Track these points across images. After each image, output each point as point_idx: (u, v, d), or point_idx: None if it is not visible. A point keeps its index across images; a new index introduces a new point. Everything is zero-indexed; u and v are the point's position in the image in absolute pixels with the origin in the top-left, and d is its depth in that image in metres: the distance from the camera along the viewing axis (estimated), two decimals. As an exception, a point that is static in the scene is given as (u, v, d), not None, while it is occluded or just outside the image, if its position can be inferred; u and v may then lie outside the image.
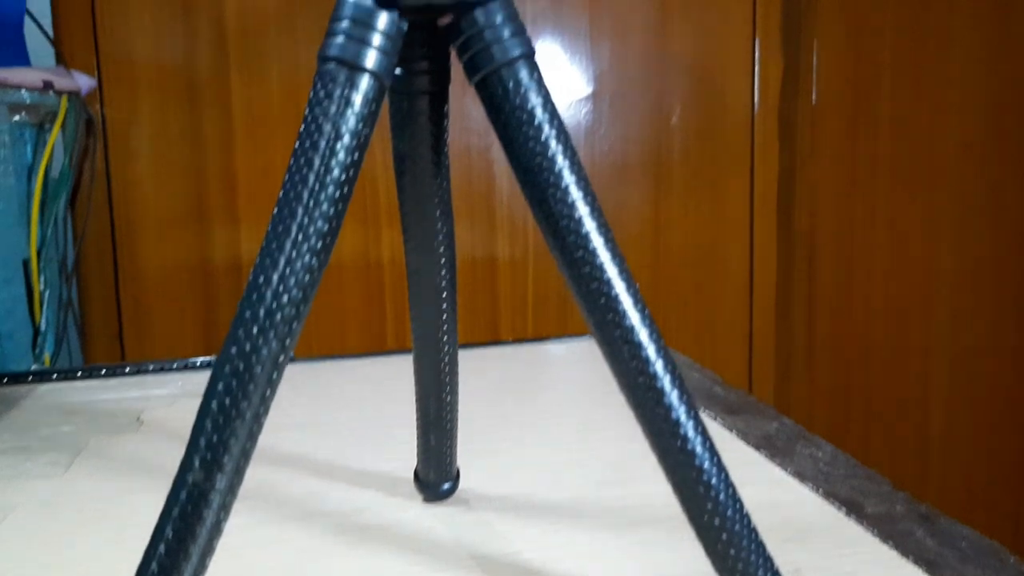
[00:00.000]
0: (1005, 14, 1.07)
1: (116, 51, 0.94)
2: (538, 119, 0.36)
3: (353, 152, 0.36)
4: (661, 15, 1.00)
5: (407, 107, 0.41)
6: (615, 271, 0.36)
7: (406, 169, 0.42)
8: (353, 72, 0.35)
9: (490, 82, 0.37)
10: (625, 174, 1.02)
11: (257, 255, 0.37)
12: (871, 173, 1.07)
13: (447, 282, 0.44)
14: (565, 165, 0.36)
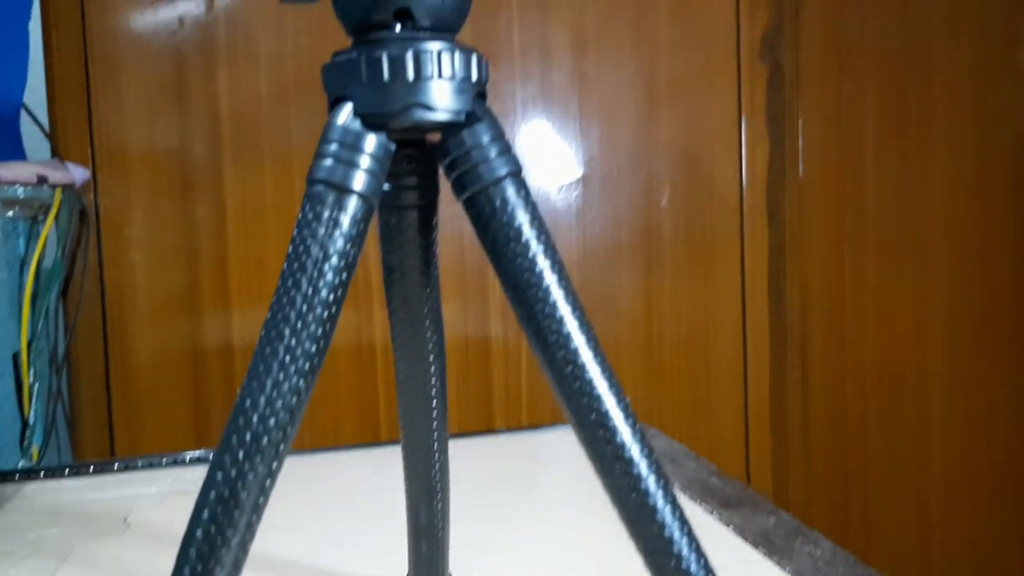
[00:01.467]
0: (983, 89, 1.09)
1: (110, 140, 0.95)
2: (525, 237, 0.37)
3: (341, 272, 0.37)
4: (648, 99, 1.02)
5: (396, 221, 0.41)
6: (605, 387, 0.36)
7: (395, 280, 0.42)
8: (341, 194, 0.36)
9: (477, 201, 0.37)
10: (616, 255, 1.03)
11: (244, 376, 0.37)
12: (859, 248, 1.08)
13: (437, 391, 0.44)
14: (552, 282, 0.36)
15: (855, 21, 1.05)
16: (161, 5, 0.96)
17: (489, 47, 0.99)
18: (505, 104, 1.00)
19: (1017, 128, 1.10)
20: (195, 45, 0.96)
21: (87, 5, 0.94)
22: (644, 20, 1.01)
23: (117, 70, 0.95)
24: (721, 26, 1.02)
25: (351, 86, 0.36)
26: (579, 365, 0.36)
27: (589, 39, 1.00)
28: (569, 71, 1.00)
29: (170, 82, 0.96)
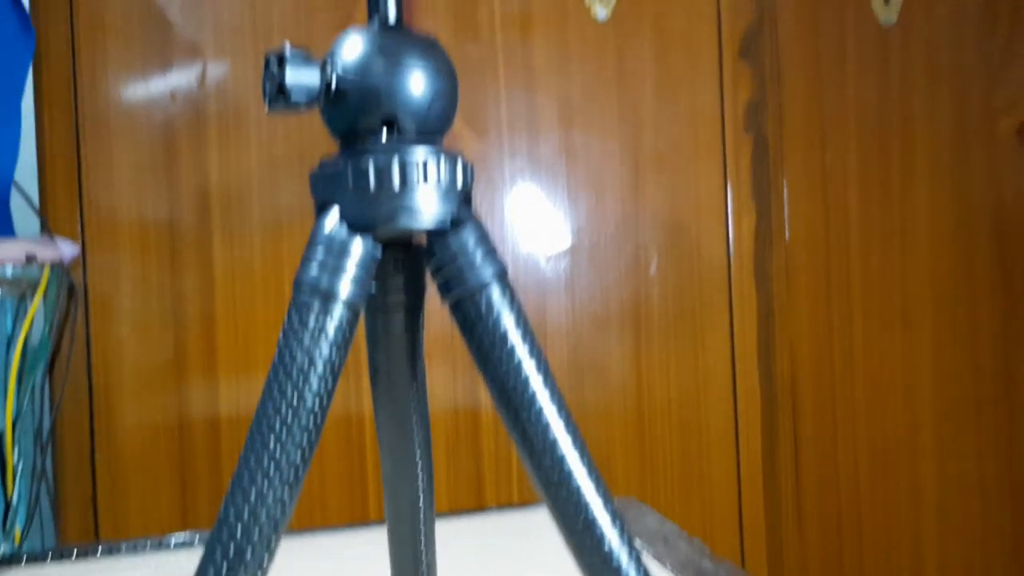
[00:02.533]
0: (963, 157, 1.11)
1: (100, 215, 0.95)
2: (511, 343, 0.37)
3: (326, 379, 0.36)
4: (635, 170, 1.03)
5: (383, 322, 0.41)
6: (592, 492, 0.36)
7: (381, 380, 0.42)
8: (327, 301, 0.36)
9: (463, 306, 0.38)
10: (606, 324, 1.03)
11: (228, 486, 0.36)
12: (847, 315, 1.09)
13: (424, 488, 0.44)
14: (539, 389, 0.36)
15: (836, 93, 1.07)
16: (153, 79, 0.97)
17: (477, 120, 1.00)
18: (494, 176, 1.01)
19: (997, 194, 1.12)
20: (186, 119, 0.97)
21: (80, 81, 0.95)
22: (629, 94, 1.03)
23: (108, 145, 0.96)
24: (705, 98, 1.04)
25: (338, 194, 0.37)
26: (566, 472, 0.36)
27: (575, 112, 1.02)
28: (556, 144, 1.02)
29: (160, 156, 0.97)
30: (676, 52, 1.03)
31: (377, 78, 0.37)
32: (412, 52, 0.37)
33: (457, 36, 0.99)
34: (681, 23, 1.03)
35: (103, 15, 0.96)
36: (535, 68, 1.01)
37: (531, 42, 1.01)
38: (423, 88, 0.37)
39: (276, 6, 0.98)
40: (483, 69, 1.00)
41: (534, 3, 1.01)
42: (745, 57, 1.04)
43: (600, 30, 1.02)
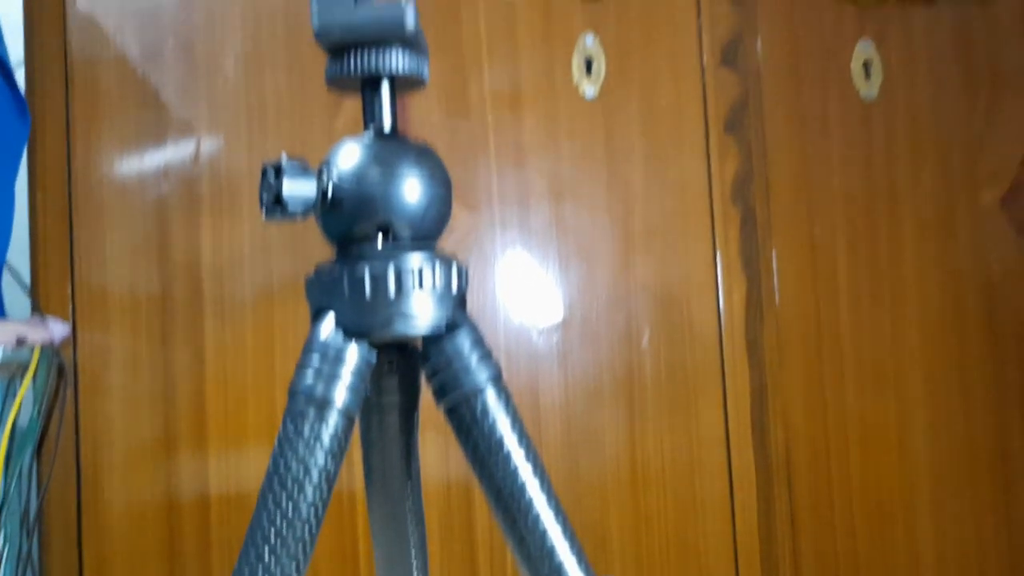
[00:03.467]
0: (949, 227, 1.12)
1: (92, 294, 0.95)
2: (506, 448, 0.37)
3: (321, 489, 0.36)
4: (625, 243, 1.04)
5: (378, 423, 0.41)
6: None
7: (375, 480, 0.42)
8: (323, 409, 0.36)
9: (459, 409, 0.38)
10: (599, 397, 1.03)
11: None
12: (839, 385, 1.09)
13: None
14: (535, 492, 0.36)
15: (821, 165, 1.09)
16: (147, 157, 0.98)
17: (468, 195, 1.01)
18: (485, 250, 1.02)
19: (983, 261, 1.13)
20: (179, 196, 0.98)
21: (74, 162, 0.96)
22: (618, 168, 1.04)
23: (101, 223, 0.97)
24: (693, 172, 1.06)
25: (334, 300, 0.37)
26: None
27: (565, 187, 1.03)
28: (547, 217, 1.03)
29: (153, 233, 0.97)
30: (663, 127, 1.05)
31: (373, 186, 0.37)
32: (407, 160, 0.38)
33: (449, 114, 1.01)
34: (668, 100, 1.05)
35: (98, 97, 0.97)
36: (525, 144, 1.03)
37: (521, 119, 1.03)
38: (418, 195, 0.38)
39: (269, 84, 1.00)
40: (474, 146, 1.02)
41: (523, 82, 1.03)
42: (731, 132, 1.06)
43: (588, 107, 1.04)
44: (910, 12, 1.12)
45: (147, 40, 0.98)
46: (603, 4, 1.05)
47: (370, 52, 0.38)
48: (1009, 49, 1.14)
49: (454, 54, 1.02)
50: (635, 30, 1.05)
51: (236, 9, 1.00)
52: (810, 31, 1.09)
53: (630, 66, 1.05)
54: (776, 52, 1.08)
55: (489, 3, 1.03)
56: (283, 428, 0.36)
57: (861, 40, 1.10)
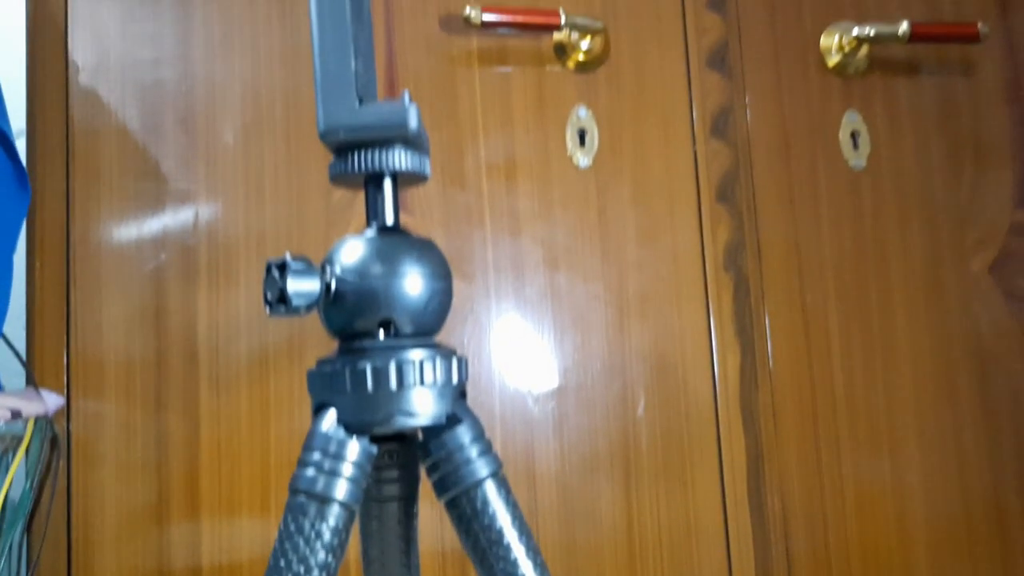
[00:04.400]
0: (938, 291, 1.14)
1: (87, 365, 0.95)
2: (507, 541, 0.37)
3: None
4: (619, 311, 1.05)
5: (377, 514, 0.41)
6: None
7: (374, 571, 0.42)
8: (323, 504, 0.36)
9: (459, 503, 0.38)
10: (595, 466, 1.03)
11: None
12: (835, 450, 1.09)
13: None
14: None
15: (812, 233, 1.11)
16: (145, 227, 0.99)
17: (464, 264, 1.02)
18: (480, 319, 1.02)
19: (975, 328, 1.14)
20: (176, 265, 0.99)
21: (73, 233, 0.97)
22: (611, 237, 1.06)
23: (98, 293, 0.97)
24: (686, 240, 1.07)
25: (335, 395, 0.37)
26: None
27: (560, 255, 1.04)
28: (541, 286, 1.04)
29: (150, 302, 0.98)
30: (656, 197, 1.07)
31: (375, 282, 0.38)
32: (409, 256, 0.39)
33: (445, 184, 1.03)
34: (660, 169, 1.07)
35: (99, 168, 0.99)
36: (520, 214, 1.04)
37: (516, 189, 1.04)
38: (419, 291, 0.39)
39: (268, 154, 1.02)
40: (470, 216, 1.03)
41: (518, 152, 1.05)
42: (723, 201, 1.08)
43: (582, 176, 1.06)
44: (895, 84, 1.15)
45: (148, 113, 1.00)
46: (595, 77, 1.07)
47: (373, 151, 0.39)
48: (992, 119, 1.17)
49: (450, 125, 1.04)
50: (627, 102, 1.08)
51: (236, 81, 1.02)
52: (798, 103, 1.12)
53: (623, 137, 1.07)
54: (765, 123, 1.10)
55: (485, 76, 1.05)
56: (283, 524, 0.36)
57: (848, 111, 1.12)
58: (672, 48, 1.09)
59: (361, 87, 0.39)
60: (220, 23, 1.02)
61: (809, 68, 1.12)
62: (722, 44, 1.10)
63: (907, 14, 1.15)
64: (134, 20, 1.02)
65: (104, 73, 1.01)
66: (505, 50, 1.06)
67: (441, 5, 1.05)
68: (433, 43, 1.05)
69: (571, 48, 1.06)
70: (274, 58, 1.03)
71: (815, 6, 1.13)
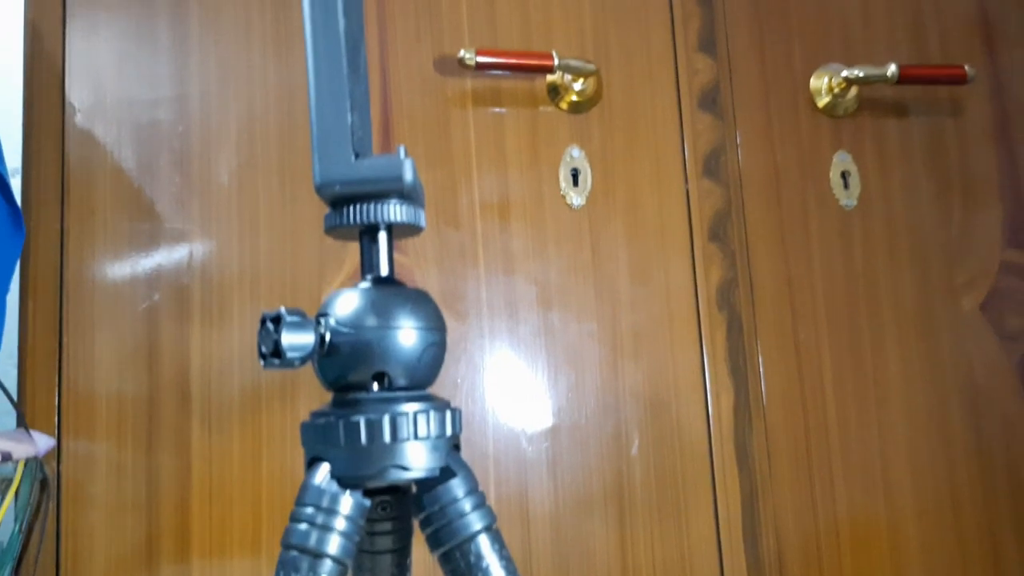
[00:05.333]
0: (930, 331, 1.14)
1: (78, 405, 0.95)
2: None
3: (314, 644, 0.36)
4: (613, 351, 1.05)
5: (370, 565, 0.41)
6: None
7: (368, 626, 0.41)
8: (316, 559, 0.36)
9: (453, 556, 0.38)
10: (589, 506, 1.02)
11: None
12: (829, 490, 1.09)
13: None
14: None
15: (804, 272, 1.11)
16: (139, 266, 0.99)
17: (458, 304, 1.02)
18: (474, 358, 1.02)
19: (967, 366, 1.14)
20: (170, 304, 0.99)
21: (66, 273, 0.97)
22: (605, 276, 1.06)
23: (91, 332, 0.97)
24: (679, 279, 1.08)
25: (329, 448, 0.37)
26: None
27: (553, 294, 1.05)
28: (535, 325, 1.04)
29: (143, 341, 0.98)
30: (649, 236, 1.08)
31: (369, 334, 0.38)
32: (403, 309, 0.39)
33: (439, 224, 1.03)
34: (653, 209, 1.08)
35: (93, 208, 0.99)
36: (514, 253, 1.04)
37: (509, 228, 1.05)
38: (413, 343, 0.39)
39: (262, 193, 1.02)
40: (463, 255, 1.03)
41: (512, 192, 1.06)
42: (715, 240, 1.09)
43: (575, 216, 1.07)
44: (884, 124, 1.16)
45: (143, 153, 1.01)
46: (588, 118, 1.08)
47: (369, 204, 0.39)
48: (979, 158, 1.18)
49: (445, 165, 1.05)
50: (619, 142, 1.09)
51: (231, 121, 1.03)
52: (789, 143, 1.13)
53: (615, 177, 1.08)
54: (757, 163, 1.12)
55: (479, 117, 1.06)
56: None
57: (838, 151, 1.14)
58: (664, 89, 1.11)
59: (357, 141, 0.40)
60: (216, 64, 1.03)
61: (799, 109, 1.14)
62: (713, 85, 1.12)
63: (895, 55, 1.17)
64: (131, 61, 1.03)
65: (100, 113, 1.01)
66: (499, 91, 1.07)
67: (436, 47, 1.06)
68: (428, 84, 1.06)
69: (564, 89, 1.07)
70: (269, 98, 1.04)
71: (804, 48, 1.15)
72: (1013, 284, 1.16)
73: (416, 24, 1.07)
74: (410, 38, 1.06)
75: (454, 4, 1.08)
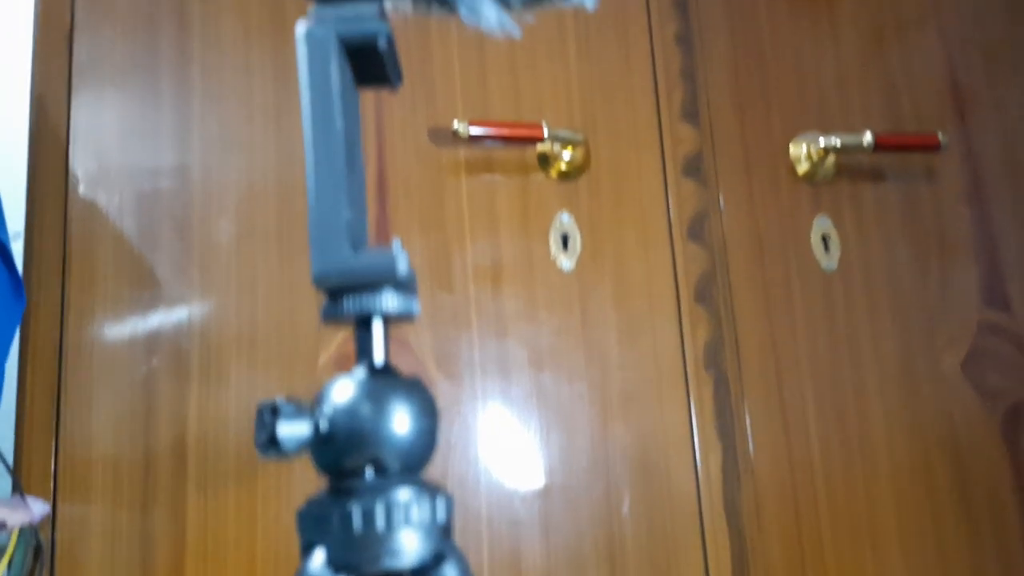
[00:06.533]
0: (912, 388, 1.16)
1: (74, 470, 0.96)
2: None
3: None
4: (603, 411, 1.07)
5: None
6: None
7: None
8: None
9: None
10: (581, 566, 1.03)
11: None
12: (817, 544, 1.10)
13: None
14: None
15: (787, 332, 1.14)
16: (138, 331, 1.01)
17: (451, 366, 1.04)
18: (467, 419, 1.04)
19: (950, 423, 1.16)
20: (168, 369, 1.00)
21: (66, 339, 0.99)
22: (594, 338, 1.08)
23: (89, 398, 0.98)
24: (666, 340, 1.10)
25: (324, 535, 0.39)
26: None
27: (544, 356, 1.07)
28: (527, 387, 1.06)
29: (140, 406, 0.99)
30: (637, 298, 1.10)
31: (365, 423, 0.40)
32: (397, 396, 0.41)
33: (433, 289, 1.06)
34: (640, 272, 1.11)
35: (94, 276, 1.01)
36: (506, 316, 1.07)
37: (501, 292, 1.07)
38: (407, 430, 0.40)
39: (260, 260, 1.04)
40: (456, 318, 1.06)
41: (504, 257, 1.08)
42: (701, 301, 1.12)
43: (565, 280, 1.09)
44: (861, 189, 1.20)
45: (144, 220, 1.03)
46: (577, 185, 1.12)
47: (364, 295, 0.41)
48: (954, 221, 1.22)
49: (439, 231, 1.08)
50: (607, 208, 1.12)
51: (231, 189, 1.05)
52: (770, 208, 1.16)
53: (604, 241, 1.11)
54: (740, 227, 1.15)
55: (472, 184, 1.10)
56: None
57: (818, 216, 1.17)
58: (649, 157, 1.14)
59: (353, 234, 0.42)
60: (217, 133, 1.07)
61: (780, 175, 1.17)
62: (696, 153, 1.15)
63: (870, 121, 1.21)
64: (134, 131, 1.06)
65: (103, 181, 1.04)
66: (491, 160, 1.10)
67: (430, 119, 1.10)
68: (423, 154, 1.09)
69: (554, 158, 1.11)
70: (268, 166, 1.07)
71: (783, 117, 1.19)
72: (992, 343, 1.19)
73: (412, 95, 1.10)
74: (406, 109, 1.10)
75: (448, 77, 1.12)
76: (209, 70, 1.08)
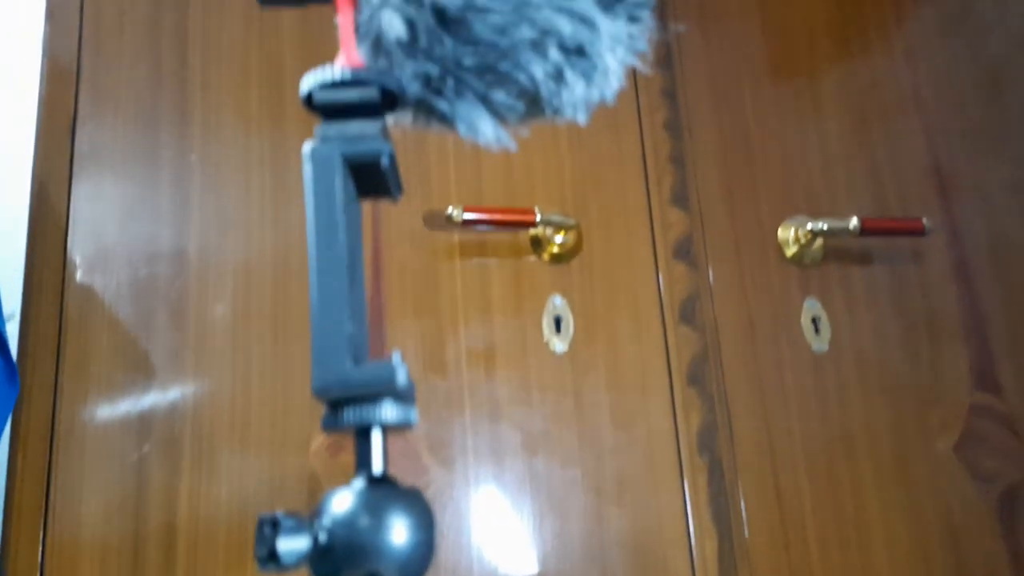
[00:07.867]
0: (907, 471, 1.16)
1: (62, 555, 0.94)
2: None
3: None
4: (597, 497, 1.06)
5: None
6: None
7: None
8: None
9: None
10: (576, 657, 1.01)
11: None
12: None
13: None
14: None
15: (780, 415, 1.14)
16: (131, 417, 1.01)
17: (443, 451, 1.04)
18: (460, 505, 1.03)
19: (945, 505, 1.15)
20: (160, 457, 1.00)
21: (58, 427, 0.98)
22: (588, 422, 1.09)
23: (79, 485, 0.97)
24: (659, 424, 1.10)
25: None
26: None
27: (538, 441, 1.07)
28: (520, 472, 1.05)
29: (131, 493, 0.98)
30: (629, 382, 1.11)
31: (363, 535, 0.40)
32: (396, 508, 0.41)
33: (426, 373, 1.06)
34: (632, 354, 1.12)
35: (88, 362, 1.01)
36: (499, 399, 1.07)
37: (494, 376, 1.08)
38: (405, 541, 0.41)
39: (255, 344, 1.05)
40: (449, 402, 1.06)
41: (497, 339, 1.09)
42: (694, 384, 1.12)
43: (558, 363, 1.10)
44: (850, 272, 1.22)
45: (140, 306, 1.04)
46: (569, 268, 1.14)
47: (364, 406, 0.42)
48: (943, 303, 1.23)
49: (432, 315, 1.09)
50: (599, 291, 1.13)
51: (228, 275, 1.07)
52: (760, 291, 1.18)
53: (596, 324, 1.12)
54: (731, 310, 1.16)
55: (465, 268, 1.11)
56: None
57: (808, 298, 1.19)
58: (640, 241, 1.16)
59: (354, 348, 0.43)
60: (215, 219, 1.08)
61: (769, 258, 1.19)
62: (686, 237, 1.18)
63: (856, 204, 1.24)
64: (133, 218, 1.07)
65: (100, 267, 1.05)
66: (485, 244, 1.12)
67: (425, 204, 1.12)
68: (417, 238, 1.11)
69: (546, 242, 1.13)
70: (266, 250, 1.08)
71: (771, 202, 1.22)
72: (985, 426, 1.19)
73: (407, 181, 1.12)
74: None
75: (442, 163, 1.15)
76: (208, 158, 1.10)
